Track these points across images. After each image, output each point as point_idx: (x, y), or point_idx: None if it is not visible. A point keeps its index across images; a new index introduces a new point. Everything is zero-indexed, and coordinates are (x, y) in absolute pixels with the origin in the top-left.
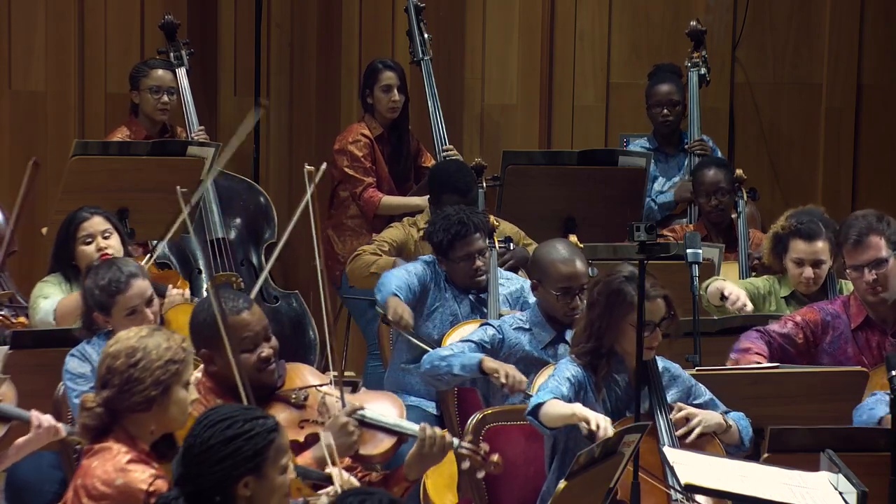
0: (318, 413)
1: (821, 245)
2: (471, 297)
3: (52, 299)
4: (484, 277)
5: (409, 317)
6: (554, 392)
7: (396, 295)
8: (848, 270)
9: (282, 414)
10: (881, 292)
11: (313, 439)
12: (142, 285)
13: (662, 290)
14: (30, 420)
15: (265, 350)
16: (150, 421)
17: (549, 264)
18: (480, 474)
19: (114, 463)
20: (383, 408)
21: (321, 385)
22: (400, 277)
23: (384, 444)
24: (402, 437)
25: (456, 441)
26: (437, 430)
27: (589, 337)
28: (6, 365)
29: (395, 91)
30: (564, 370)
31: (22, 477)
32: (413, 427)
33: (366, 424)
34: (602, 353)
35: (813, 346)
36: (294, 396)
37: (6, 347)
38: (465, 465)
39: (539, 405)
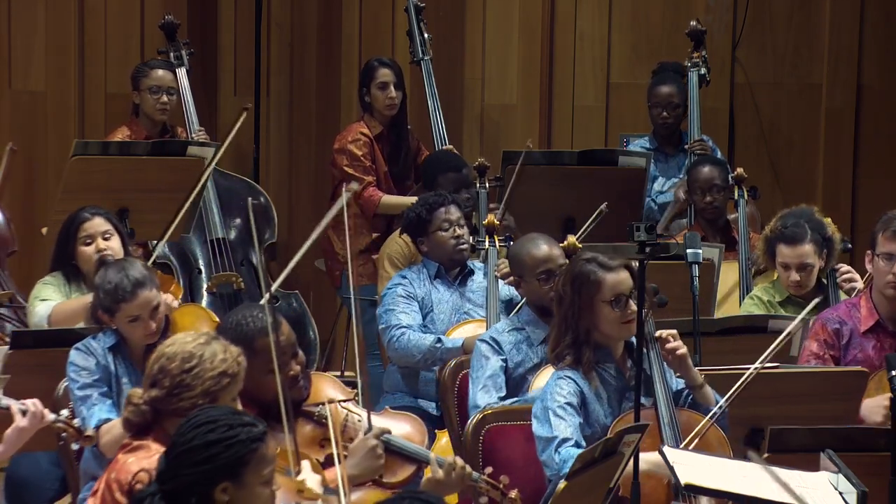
0: (340, 433)
1: (806, 248)
2: (458, 289)
3: (48, 303)
4: (466, 247)
5: None
6: (578, 440)
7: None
8: (876, 257)
9: (304, 430)
10: None
11: (332, 458)
12: (147, 296)
13: (622, 261)
14: (9, 408)
15: (293, 368)
16: None
17: (525, 255)
18: None
19: (149, 461)
20: (405, 431)
21: (344, 401)
22: (407, 310)
23: (404, 471)
24: (422, 464)
25: (475, 474)
26: (458, 460)
27: (565, 331)
28: (6, 365)
29: (392, 88)
30: (557, 396)
31: (22, 476)
32: (417, 450)
33: (389, 450)
34: (581, 341)
35: (839, 357)
36: (317, 413)
37: (6, 347)
38: (483, 500)
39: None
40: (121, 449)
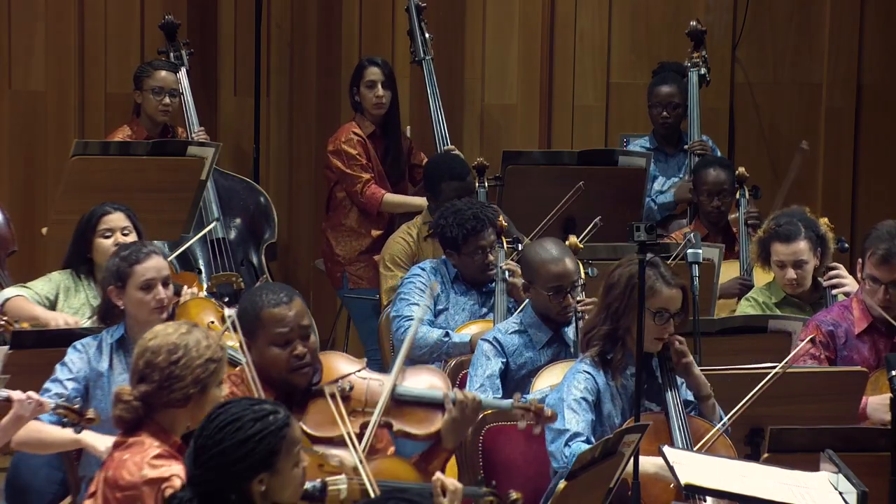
0: (364, 402)
1: (801, 245)
2: (476, 292)
3: (18, 289)
4: (494, 271)
5: None
6: (588, 437)
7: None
8: (863, 278)
9: (327, 409)
10: (889, 310)
11: (365, 427)
12: (160, 262)
13: (681, 282)
14: (9, 398)
15: (298, 347)
16: (184, 416)
17: (539, 264)
18: (537, 430)
19: (143, 456)
20: (427, 382)
21: (359, 370)
22: (420, 303)
23: (435, 421)
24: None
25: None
26: (468, 394)
27: (605, 319)
28: (6, 365)
29: (380, 87)
30: (574, 390)
31: (22, 477)
32: (438, 395)
33: (410, 402)
34: (617, 337)
35: (834, 358)
36: (339, 389)
37: (6, 347)
38: (522, 424)
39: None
40: (114, 447)
